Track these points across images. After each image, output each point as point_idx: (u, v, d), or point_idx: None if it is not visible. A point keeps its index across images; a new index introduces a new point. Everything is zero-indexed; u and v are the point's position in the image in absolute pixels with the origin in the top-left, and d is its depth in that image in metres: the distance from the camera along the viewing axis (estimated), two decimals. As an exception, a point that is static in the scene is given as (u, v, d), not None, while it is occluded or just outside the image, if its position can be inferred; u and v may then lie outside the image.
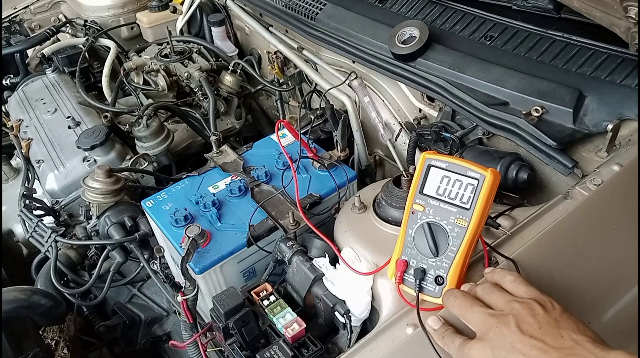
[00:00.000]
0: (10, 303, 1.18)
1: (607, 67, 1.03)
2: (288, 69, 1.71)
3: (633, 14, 0.85)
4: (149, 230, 1.26)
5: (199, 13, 2.03)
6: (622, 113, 0.98)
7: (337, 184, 1.17)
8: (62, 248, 1.37)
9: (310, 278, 0.92)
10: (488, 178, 0.77)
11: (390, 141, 1.37)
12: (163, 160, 1.59)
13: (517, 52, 1.15)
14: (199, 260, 1.03)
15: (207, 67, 1.80)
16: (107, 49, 1.95)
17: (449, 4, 1.32)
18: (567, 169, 0.98)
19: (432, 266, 0.81)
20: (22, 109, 1.76)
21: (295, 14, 1.59)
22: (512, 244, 0.88)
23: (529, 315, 0.68)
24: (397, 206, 0.94)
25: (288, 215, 1.07)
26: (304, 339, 0.87)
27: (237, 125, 1.82)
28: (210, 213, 1.12)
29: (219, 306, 0.89)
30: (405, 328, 0.79)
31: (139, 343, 1.47)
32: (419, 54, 1.24)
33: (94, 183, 1.26)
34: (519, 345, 0.65)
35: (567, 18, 1.14)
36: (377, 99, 1.42)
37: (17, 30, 2.27)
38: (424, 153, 0.82)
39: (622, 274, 0.95)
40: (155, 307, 1.50)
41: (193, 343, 1.07)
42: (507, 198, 1.04)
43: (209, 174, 1.25)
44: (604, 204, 0.94)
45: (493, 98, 1.11)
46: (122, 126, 1.62)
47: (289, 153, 1.24)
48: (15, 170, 1.76)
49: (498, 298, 0.72)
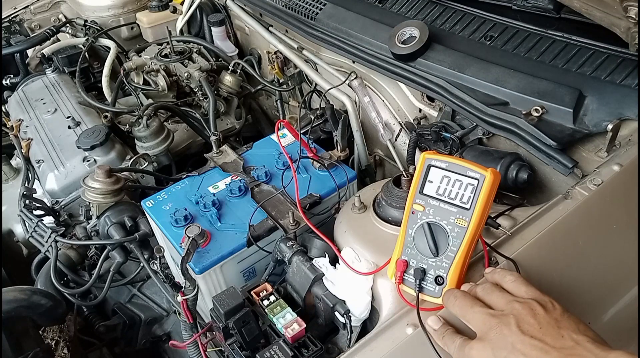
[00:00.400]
0: (10, 303, 1.18)
1: (607, 67, 1.03)
2: (288, 69, 1.71)
3: (633, 14, 0.85)
4: (149, 230, 1.26)
5: (199, 13, 2.03)
6: (622, 113, 0.98)
7: (337, 184, 1.17)
8: (62, 248, 1.37)
9: (310, 278, 0.92)
10: (488, 178, 0.77)
11: (390, 141, 1.37)
12: (163, 160, 1.59)
13: (517, 52, 1.15)
14: (199, 260, 1.03)
15: (207, 67, 1.80)
16: (107, 49, 1.95)
17: (449, 4, 1.32)
18: (567, 169, 0.98)
19: (432, 266, 0.81)
20: (22, 109, 1.76)
21: (295, 14, 1.59)
22: (512, 244, 0.88)
23: (530, 315, 0.68)
24: (397, 206, 0.94)
25: (288, 215, 1.07)
26: (304, 339, 0.87)
27: (237, 125, 1.82)
28: (210, 213, 1.12)
29: (219, 306, 0.89)
30: (405, 328, 0.79)
31: (139, 343, 1.46)
32: (419, 54, 1.24)
33: (94, 183, 1.26)
34: (520, 345, 0.65)
35: (567, 18, 1.14)
36: (377, 99, 1.42)
37: (17, 30, 2.27)
38: (424, 153, 0.82)
39: (622, 274, 0.95)
40: (155, 307, 1.50)
41: (193, 343, 1.07)
42: (507, 198, 1.04)
43: (209, 174, 1.25)
44: (604, 204, 0.94)
45: (493, 98, 1.11)
46: (122, 126, 1.62)
47: (289, 153, 1.24)
48: (15, 170, 1.76)
49: (498, 298, 0.72)
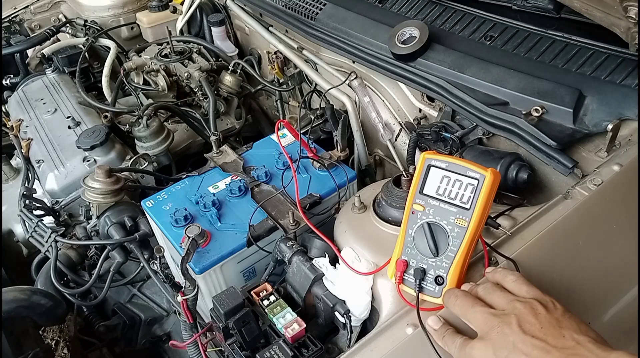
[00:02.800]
0: (10, 303, 1.17)
1: (607, 67, 1.03)
2: (288, 69, 1.71)
3: (633, 14, 0.85)
4: (149, 230, 1.26)
5: (199, 13, 2.03)
6: (622, 113, 0.98)
7: (337, 184, 1.17)
8: (62, 248, 1.37)
9: (310, 278, 0.92)
10: (488, 178, 0.77)
11: (390, 141, 1.37)
12: (163, 160, 1.59)
13: (517, 52, 1.15)
14: (199, 260, 1.03)
15: (207, 67, 1.80)
16: (107, 49, 1.95)
17: (449, 4, 1.32)
18: (567, 169, 0.98)
19: (432, 266, 0.81)
20: (22, 109, 1.76)
21: (295, 14, 1.59)
22: (512, 244, 0.88)
23: (531, 314, 0.68)
24: (397, 206, 0.94)
25: (288, 215, 1.07)
26: (304, 339, 0.87)
27: (237, 125, 1.82)
28: (210, 213, 1.12)
29: (219, 306, 0.89)
30: (405, 328, 0.79)
31: (139, 343, 1.47)
32: (419, 54, 1.24)
33: (94, 183, 1.26)
34: (521, 345, 0.65)
35: (567, 18, 1.14)
36: (377, 99, 1.42)
37: (17, 30, 2.27)
38: (424, 153, 0.82)
39: (622, 274, 0.95)
40: (155, 307, 1.50)
41: (193, 343, 1.07)
42: (507, 198, 1.04)
43: (209, 174, 1.25)
44: (604, 204, 0.94)
45: (493, 98, 1.11)
46: (122, 126, 1.62)
47: (289, 153, 1.24)
48: (15, 170, 1.76)
49: (500, 297, 0.72)
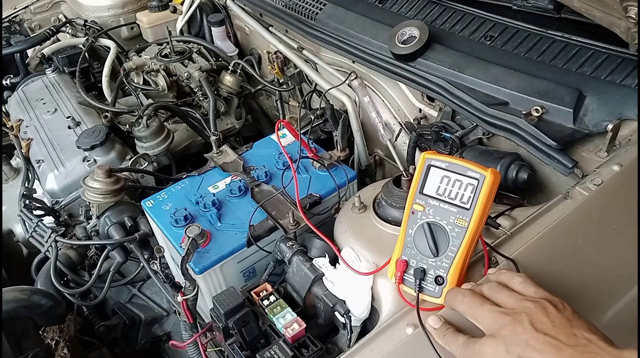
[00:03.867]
0: (10, 303, 1.17)
1: (607, 67, 1.03)
2: (288, 69, 1.71)
3: (633, 14, 0.85)
4: (149, 230, 1.26)
5: (199, 13, 2.03)
6: (622, 113, 0.98)
7: (337, 184, 1.17)
8: (62, 248, 1.37)
9: (310, 278, 0.92)
10: (488, 178, 0.77)
11: (390, 141, 1.37)
12: (163, 160, 1.59)
13: (517, 52, 1.15)
14: (199, 260, 1.03)
15: (207, 67, 1.80)
16: (107, 49, 1.95)
17: (449, 4, 1.32)
18: (567, 169, 0.98)
19: (432, 266, 0.81)
20: (22, 109, 1.76)
21: (295, 14, 1.59)
22: (512, 244, 0.88)
23: (542, 313, 0.68)
24: (397, 206, 0.94)
25: (288, 215, 1.07)
26: (304, 339, 0.87)
27: (237, 125, 1.82)
28: (210, 213, 1.12)
29: (219, 306, 0.89)
30: (405, 328, 0.79)
31: (139, 343, 1.46)
32: (419, 54, 1.24)
33: (94, 183, 1.26)
34: (534, 342, 0.65)
35: (567, 18, 1.14)
36: (377, 99, 1.41)
37: (17, 30, 2.27)
38: (424, 153, 0.82)
39: (622, 274, 0.95)
40: (155, 307, 1.50)
41: (193, 343, 1.07)
42: (507, 198, 1.04)
43: (209, 174, 1.25)
44: (604, 204, 0.94)
45: (493, 98, 1.11)
46: (122, 126, 1.62)
47: (289, 153, 1.24)
48: (15, 170, 1.76)
49: (508, 297, 0.73)
